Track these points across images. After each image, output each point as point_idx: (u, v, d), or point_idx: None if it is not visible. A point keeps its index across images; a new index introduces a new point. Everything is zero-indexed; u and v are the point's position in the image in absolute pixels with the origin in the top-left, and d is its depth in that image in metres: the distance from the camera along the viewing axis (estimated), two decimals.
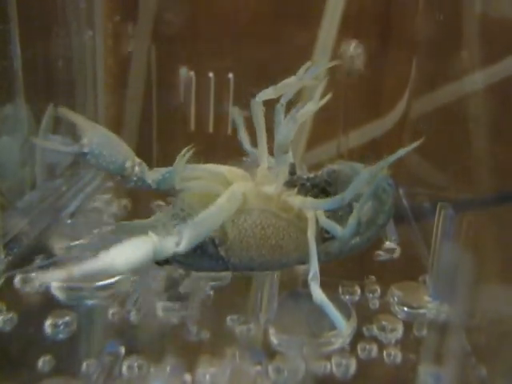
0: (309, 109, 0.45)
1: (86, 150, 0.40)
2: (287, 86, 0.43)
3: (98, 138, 0.41)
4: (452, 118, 0.64)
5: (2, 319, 0.40)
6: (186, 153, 0.40)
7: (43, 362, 0.36)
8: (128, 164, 0.41)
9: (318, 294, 0.37)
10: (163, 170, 0.41)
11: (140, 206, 0.60)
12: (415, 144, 0.38)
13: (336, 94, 0.48)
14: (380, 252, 0.51)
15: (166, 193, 0.42)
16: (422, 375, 0.37)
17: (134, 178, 0.41)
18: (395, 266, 0.50)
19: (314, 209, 0.40)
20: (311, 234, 0.40)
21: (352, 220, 0.39)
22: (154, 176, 0.41)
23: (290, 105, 0.43)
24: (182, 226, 0.36)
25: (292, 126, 0.40)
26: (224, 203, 0.38)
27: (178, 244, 0.35)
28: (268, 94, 0.43)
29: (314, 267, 0.38)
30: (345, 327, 0.37)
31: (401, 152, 0.37)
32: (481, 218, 0.51)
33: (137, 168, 0.41)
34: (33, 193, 0.59)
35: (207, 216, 0.37)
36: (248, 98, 0.44)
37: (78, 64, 0.66)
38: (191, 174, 0.41)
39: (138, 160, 0.41)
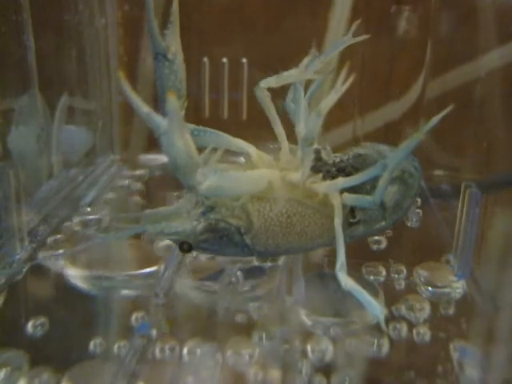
0: (332, 98, 0.42)
1: (170, 56, 0.39)
2: (290, 77, 0.43)
3: (179, 61, 0.39)
4: (469, 99, 0.63)
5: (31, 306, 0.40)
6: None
7: (74, 346, 0.36)
8: (181, 101, 0.40)
9: (347, 282, 0.37)
10: (193, 126, 0.42)
11: None
12: (448, 109, 0.36)
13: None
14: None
15: None
16: (453, 353, 0.37)
17: None
18: (418, 247, 0.50)
19: (347, 185, 0.40)
20: (338, 223, 0.39)
21: (381, 183, 0.37)
22: None
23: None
24: (210, 171, 0.35)
25: (317, 120, 0.39)
26: (252, 178, 0.38)
27: (199, 183, 0.35)
28: (270, 82, 0.43)
29: (341, 257, 0.38)
30: (380, 311, 0.36)
31: (435, 119, 0.36)
32: (505, 196, 0.51)
33: (182, 112, 0.40)
34: (50, 182, 0.60)
35: (234, 177, 0.37)
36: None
37: (90, 53, 0.66)
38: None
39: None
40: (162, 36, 0.39)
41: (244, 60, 0.67)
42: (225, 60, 0.67)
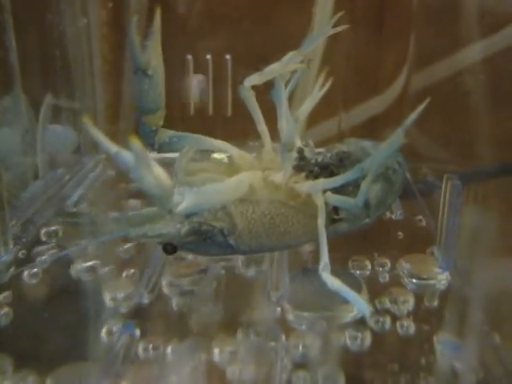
0: (309, 104, 0.45)
1: (150, 72, 0.39)
2: (272, 72, 0.42)
3: (160, 74, 0.40)
4: (452, 91, 0.64)
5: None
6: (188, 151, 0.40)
7: (58, 348, 0.36)
8: (159, 113, 0.41)
9: (331, 282, 0.37)
10: (171, 132, 0.42)
11: None
12: (423, 105, 0.37)
13: (335, 72, 0.47)
14: None
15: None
16: (436, 345, 0.37)
17: (153, 128, 0.41)
18: (403, 239, 0.50)
19: (328, 187, 0.40)
20: (321, 224, 0.39)
21: (364, 185, 0.38)
22: (160, 137, 0.41)
23: None
24: (186, 190, 0.36)
25: (295, 125, 0.40)
26: (231, 186, 0.38)
27: (177, 205, 0.36)
28: (254, 79, 0.42)
29: (324, 257, 0.38)
30: (366, 308, 0.36)
31: (413, 116, 0.36)
32: (487, 188, 0.51)
33: (161, 122, 0.41)
34: (36, 183, 0.59)
35: (212, 190, 0.37)
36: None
37: (74, 52, 0.65)
38: (196, 164, 0.41)
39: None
40: (142, 49, 0.39)
41: (228, 56, 0.67)
42: (209, 57, 0.67)
